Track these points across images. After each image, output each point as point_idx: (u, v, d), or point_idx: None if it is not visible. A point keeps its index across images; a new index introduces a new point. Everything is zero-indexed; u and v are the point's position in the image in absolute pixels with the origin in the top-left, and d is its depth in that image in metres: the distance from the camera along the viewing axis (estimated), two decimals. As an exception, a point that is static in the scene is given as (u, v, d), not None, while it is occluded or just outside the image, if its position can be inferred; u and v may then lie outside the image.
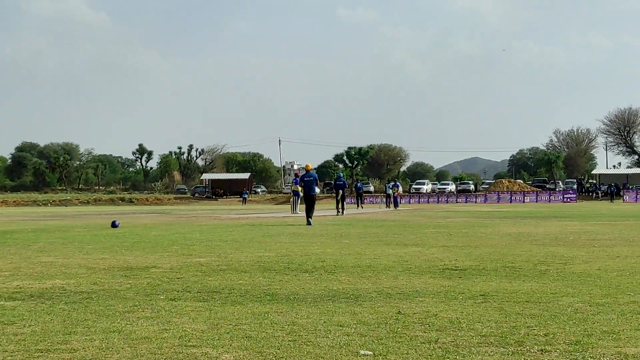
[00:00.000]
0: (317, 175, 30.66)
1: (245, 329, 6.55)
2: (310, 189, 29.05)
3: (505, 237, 18.69)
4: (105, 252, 14.90)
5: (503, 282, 9.66)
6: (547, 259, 12.82)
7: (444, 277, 10.27)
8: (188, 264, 12.33)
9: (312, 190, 28.98)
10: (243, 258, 13.39)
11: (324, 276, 10.51)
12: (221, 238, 19.25)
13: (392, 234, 20.53)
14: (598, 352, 5.58)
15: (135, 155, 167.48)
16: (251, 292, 8.94)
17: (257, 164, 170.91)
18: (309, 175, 29.56)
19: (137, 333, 6.39)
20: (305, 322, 6.81)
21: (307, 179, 29.46)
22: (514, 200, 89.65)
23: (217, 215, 40.85)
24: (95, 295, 8.79)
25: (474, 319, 6.92)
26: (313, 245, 16.31)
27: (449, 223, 28.08)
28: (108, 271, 11.40)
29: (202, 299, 8.40)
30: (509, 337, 6.10)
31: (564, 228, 23.18)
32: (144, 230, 24.38)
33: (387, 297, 8.38)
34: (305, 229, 23.65)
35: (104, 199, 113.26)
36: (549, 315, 7.07)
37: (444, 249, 15.22)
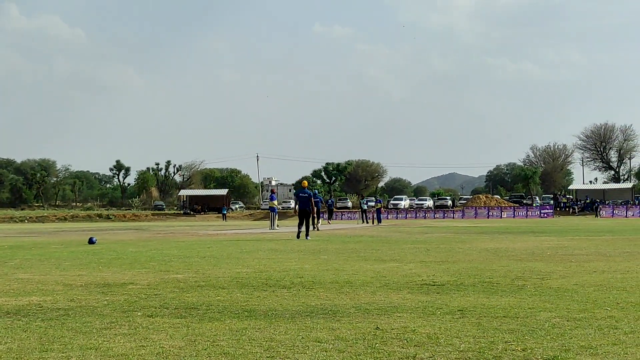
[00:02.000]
0: (312, 193, 31.18)
1: (223, 345, 6.52)
2: (306, 205, 29.41)
3: (483, 253, 18.74)
4: (83, 269, 14.81)
5: (481, 298, 9.68)
6: (525, 274, 12.86)
7: (421, 293, 10.28)
8: (166, 280, 12.28)
9: (307, 206, 29.37)
10: (221, 274, 13.35)
11: (302, 292, 10.49)
12: (199, 254, 19.19)
13: (370, 250, 20.53)
14: (575, 367, 5.60)
15: (113, 171, 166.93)
16: (229, 308, 8.92)
17: (235, 180, 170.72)
18: (304, 192, 29.92)
19: (114, 350, 6.36)
20: (283, 338, 6.80)
21: (302, 195, 29.83)
22: (491, 216, 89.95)
23: (195, 232, 40.73)
24: (72, 312, 8.73)
25: (452, 334, 6.93)
26: (291, 261, 16.29)
27: (427, 238, 28.12)
28: (85, 288, 11.33)
29: (180, 315, 8.37)
30: (487, 352, 6.11)
31: (541, 243, 23.26)
32: (122, 246, 24.26)
33: (365, 313, 8.38)
34: (284, 245, 23.62)
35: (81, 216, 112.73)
36: (527, 330, 7.09)
37: (422, 264, 15.23)
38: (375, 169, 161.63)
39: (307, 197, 29.66)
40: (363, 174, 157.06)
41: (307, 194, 29.79)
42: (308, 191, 30.15)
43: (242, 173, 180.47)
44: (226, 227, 54.31)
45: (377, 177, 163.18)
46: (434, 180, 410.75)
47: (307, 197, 29.66)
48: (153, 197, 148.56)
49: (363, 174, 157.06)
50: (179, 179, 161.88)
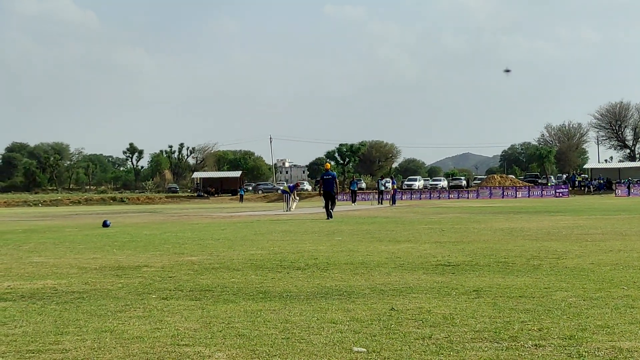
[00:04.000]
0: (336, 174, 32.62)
1: (238, 327, 6.53)
2: (330, 187, 30.58)
3: (498, 233, 18.71)
4: (97, 252, 14.86)
5: (496, 278, 9.66)
6: (540, 253, 12.83)
7: (437, 273, 10.27)
8: (180, 263, 12.31)
9: (331, 188, 30.54)
10: (235, 256, 13.37)
11: (316, 273, 10.50)
12: (213, 236, 19.22)
13: (384, 231, 20.52)
14: (592, 347, 5.58)
15: (126, 154, 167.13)
16: (244, 290, 8.93)
17: (248, 162, 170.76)
18: (329, 174, 31.07)
19: (129, 332, 6.37)
20: (298, 320, 6.80)
21: (327, 178, 31.00)
22: (506, 196, 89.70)
23: (209, 214, 40.80)
24: (87, 295, 8.77)
25: (468, 314, 6.92)
26: (305, 243, 16.30)
27: (442, 219, 28.09)
28: (99, 271, 11.37)
29: (195, 297, 8.39)
30: (503, 332, 6.10)
31: (557, 223, 23.21)
32: (136, 229, 24.32)
33: (380, 294, 8.37)
34: (298, 227, 23.62)
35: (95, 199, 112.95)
36: (543, 310, 7.07)
37: (437, 245, 15.22)
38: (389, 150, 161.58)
39: (331, 179, 30.83)
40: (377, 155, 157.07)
41: (331, 176, 30.97)
42: (332, 173, 31.35)
43: (255, 155, 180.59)
44: (240, 209, 54.37)
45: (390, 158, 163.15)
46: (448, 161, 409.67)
47: (331, 179, 30.83)
48: (167, 180, 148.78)
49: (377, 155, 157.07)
50: (193, 161, 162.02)
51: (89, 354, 5.60)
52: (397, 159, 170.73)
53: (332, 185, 30.70)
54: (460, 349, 5.54)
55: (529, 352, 5.43)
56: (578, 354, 5.35)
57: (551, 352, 5.42)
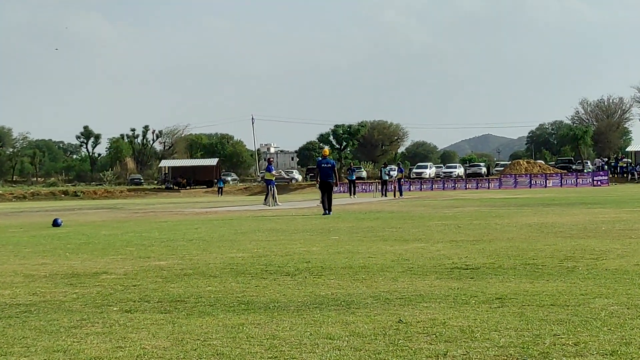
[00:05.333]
0: (335, 162, 32.65)
1: (216, 344, 6.54)
2: (328, 176, 30.66)
3: (525, 229, 18.74)
4: (46, 256, 14.85)
5: (523, 283, 9.68)
6: (576, 253, 12.86)
7: (452, 278, 10.29)
8: (146, 269, 12.31)
9: (330, 177, 30.64)
10: (212, 260, 13.38)
11: (309, 280, 10.52)
12: (185, 237, 19.23)
13: (389, 228, 20.55)
14: (638, 364, 5.60)
15: (80, 139, 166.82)
16: (222, 300, 8.94)
17: (226, 147, 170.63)
18: (327, 162, 31.13)
19: (86, 352, 6.38)
20: (288, 335, 6.81)
21: (325, 166, 31.00)
22: (534, 185, 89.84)
23: (180, 210, 40.80)
24: (35, 308, 8.76)
25: (490, 327, 6.94)
26: (295, 243, 16.32)
27: (457, 213, 28.13)
28: (50, 279, 11.36)
29: (164, 310, 8.39)
30: (532, 347, 6.12)
31: (595, 217, 23.25)
32: (92, 229, 24.31)
33: (385, 303, 8.39)
34: (287, 224, 23.63)
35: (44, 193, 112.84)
36: (579, 321, 7.09)
37: (452, 244, 15.25)
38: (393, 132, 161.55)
39: (329, 168, 30.98)
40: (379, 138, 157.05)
41: (330, 164, 31.10)
42: (331, 160, 31.50)
43: (234, 139, 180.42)
44: (217, 203, 54.38)
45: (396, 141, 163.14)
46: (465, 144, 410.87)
47: (329, 168, 30.98)
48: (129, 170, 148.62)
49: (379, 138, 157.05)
50: (160, 147, 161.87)
51: (39, 379, 5.61)
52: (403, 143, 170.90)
53: (331, 174, 30.74)
54: (481, 368, 5.55)
55: (563, 371, 5.45)
56: (621, 373, 5.37)
57: (589, 370, 5.44)
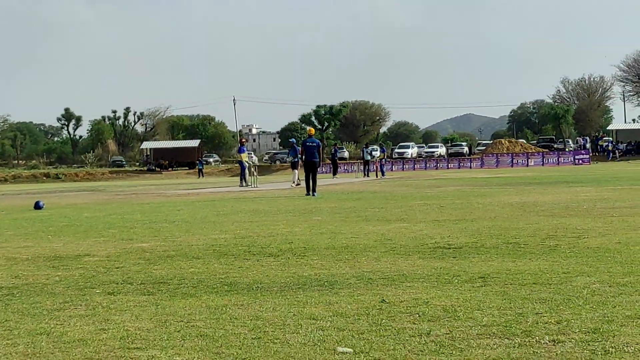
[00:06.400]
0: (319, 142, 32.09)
1: (200, 326, 6.54)
2: (313, 155, 30.53)
3: (507, 208, 18.79)
4: (28, 239, 14.82)
5: (506, 262, 9.71)
6: (557, 232, 12.90)
7: (435, 258, 10.32)
8: (128, 251, 12.30)
9: (314, 156, 30.53)
10: (194, 241, 13.37)
11: (292, 260, 10.52)
12: (167, 218, 19.20)
13: (372, 208, 20.56)
14: (620, 341, 5.62)
15: (61, 122, 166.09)
16: (205, 281, 8.94)
17: (208, 128, 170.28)
18: (312, 141, 31.02)
19: (69, 335, 6.37)
20: (271, 316, 6.82)
21: (310, 144, 30.90)
22: (515, 164, 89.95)
23: (162, 192, 40.73)
24: (18, 291, 8.75)
25: (473, 306, 6.96)
26: (278, 224, 16.32)
27: (440, 193, 28.18)
28: (32, 262, 11.34)
29: (147, 291, 8.39)
30: (515, 326, 6.14)
31: (576, 195, 23.32)
32: (74, 211, 24.25)
33: (368, 283, 8.40)
34: (269, 205, 23.62)
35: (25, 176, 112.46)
36: (562, 299, 7.11)
37: (435, 224, 15.27)
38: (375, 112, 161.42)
39: (314, 147, 30.85)
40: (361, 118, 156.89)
41: (315, 144, 30.99)
42: (316, 140, 31.39)
43: (216, 120, 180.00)
44: (199, 185, 54.30)
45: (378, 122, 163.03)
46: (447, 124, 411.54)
47: (314, 147, 30.85)
48: (110, 152, 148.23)
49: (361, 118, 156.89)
50: (141, 129, 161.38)
51: (22, 361, 5.59)
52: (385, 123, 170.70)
53: (315, 154, 30.70)
54: (464, 347, 5.57)
55: (545, 349, 5.46)
56: (604, 350, 5.39)
57: (572, 348, 5.46)
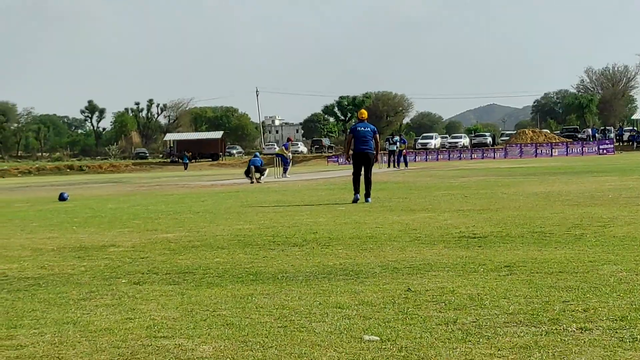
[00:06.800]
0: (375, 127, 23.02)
1: (226, 315, 6.54)
2: (367, 145, 21.74)
3: (532, 198, 18.72)
4: (54, 230, 14.87)
5: (531, 251, 9.68)
6: (583, 221, 12.84)
7: (460, 247, 10.29)
8: (153, 241, 12.33)
9: (369, 146, 21.74)
10: (219, 232, 13.39)
11: (316, 250, 10.52)
12: (191, 209, 19.23)
13: (396, 198, 20.53)
14: (648, 329, 5.59)
15: (85, 114, 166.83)
16: (230, 271, 8.95)
17: (231, 120, 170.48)
18: (365, 126, 22.09)
19: (95, 324, 6.38)
20: (297, 305, 6.82)
21: (362, 129, 21.91)
22: (539, 154, 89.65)
23: (186, 183, 40.81)
24: (44, 281, 8.78)
25: (499, 294, 6.93)
26: (302, 215, 16.32)
27: (464, 183, 28.11)
28: (58, 252, 11.38)
29: (172, 281, 8.40)
30: (542, 314, 6.11)
31: (602, 185, 23.21)
32: (99, 202, 24.33)
33: (394, 273, 8.39)
34: (293, 196, 23.61)
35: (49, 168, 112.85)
36: (588, 288, 7.08)
37: (459, 213, 15.24)
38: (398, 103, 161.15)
39: (369, 133, 21.92)
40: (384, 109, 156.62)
41: (370, 129, 22.05)
42: (371, 125, 22.47)
43: (239, 112, 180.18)
44: (222, 177, 54.36)
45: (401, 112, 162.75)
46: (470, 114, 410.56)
47: (369, 133, 21.92)
48: (134, 144, 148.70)
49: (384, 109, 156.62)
50: (164, 120, 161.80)
51: (49, 350, 5.60)
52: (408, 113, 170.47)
53: (369, 143, 21.64)
54: (491, 335, 5.55)
55: (573, 336, 5.44)
56: (632, 338, 5.36)
57: (599, 336, 5.43)
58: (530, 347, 5.18)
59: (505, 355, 4.99)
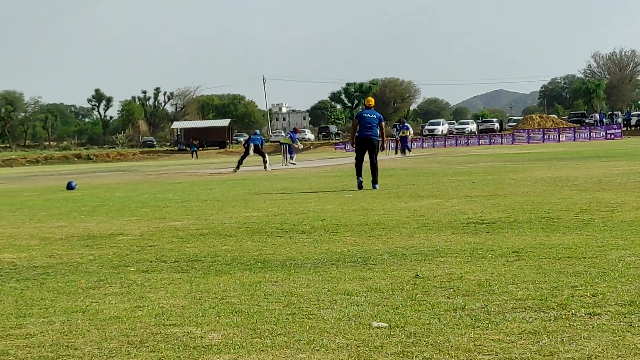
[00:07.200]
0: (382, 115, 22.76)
1: (234, 302, 6.55)
2: (372, 131, 21.60)
3: (540, 183, 18.70)
4: (62, 219, 14.90)
5: (539, 236, 9.67)
6: (591, 206, 12.83)
7: (468, 233, 10.28)
8: (161, 229, 12.34)
9: (373, 132, 21.61)
10: (227, 219, 13.40)
11: (324, 237, 10.52)
12: (199, 197, 19.26)
13: (403, 185, 20.54)
14: (657, 313, 5.59)
15: (92, 102, 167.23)
16: (239, 259, 8.95)
17: (238, 107, 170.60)
18: (371, 112, 21.84)
19: (105, 312, 6.39)
20: (306, 292, 6.82)
21: (368, 116, 21.71)
22: (547, 140, 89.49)
23: (193, 171, 40.85)
24: (52, 270, 8.79)
25: (507, 280, 6.93)
26: (309, 202, 16.32)
27: (471, 169, 28.10)
28: (66, 241, 11.40)
29: (181, 269, 8.41)
30: (550, 299, 6.10)
31: (609, 169, 23.19)
32: (107, 191, 24.37)
33: (402, 259, 8.39)
34: (300, 183, 23.62)
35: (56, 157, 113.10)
36: (596, 273, 7.07)
37: (467, 199, 15.23)
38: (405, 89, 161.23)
39: (374, 120, 21.75)
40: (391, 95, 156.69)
41: (376, 116, 21.84)
42: (377, 113, 22.20)
43: (246, 99, 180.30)
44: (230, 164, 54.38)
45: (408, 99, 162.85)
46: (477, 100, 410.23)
47: (374, 120, 21.75)
48: (141, 132, 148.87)
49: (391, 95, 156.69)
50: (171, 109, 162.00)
51: (59, 339, 5.61)
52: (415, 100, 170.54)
53: (375, 130, 21.51)
54: (499, 321, 5.54)
55: (581, 321, 5.43)
56: (641, 323, 5.36)
57: (608, 321, 5.42)
58: (539, 332, 5.18)
59: (514, 341, 4.98)
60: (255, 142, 39.23)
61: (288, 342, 5.22)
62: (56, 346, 5.39)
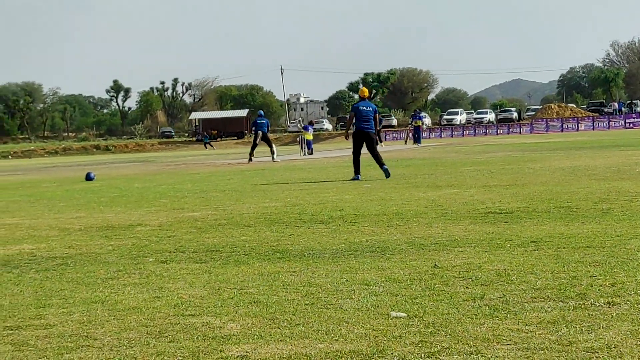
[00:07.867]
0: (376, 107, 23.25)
1: (253, 292, 6.56)
2: (368, 123, 21.95)
3: (558, 172, 18.65)
4: (81, 210, 14.94)
5: (558, 226, 9.64)
6: (610, 195, 12.78)
7: (486, 223, 10.26)
8: (180, 220, 12.36)
9: (369, 124, 21.96)
10: (245, 210, 13.41)
11: (343, 227, 10.52)
12: (218, 188, 19.27)
13: (421, 175, 20.51)
14: (677, 303, 5.57)
15: (110, 93, 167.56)
16: (257, 249, 8.96)
17: (256, 98, 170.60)
18: (366, 105, 22.33)
19: (123, 303, 6.41)
20: (324, 282, 6.82)
21: (364, 109, 22.02)
22: (565, 129, 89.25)
23: (212, 162, 40.89)
24: (72, 260, 8.82)
25: (526, 269, 6.92)
26: (328, 192, 16.32)
27: (489, 159, 28.04)
28: (85, 232, 11.43)
29: (199, 259, 8.42)
30: (569, 289, 6.09)
31: (628, 159, 23.09)
32: (125, 182, 24.42)
33: (420, 249, 8.38)
34: (318, 173, 23.61)
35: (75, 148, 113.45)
36: (616, 262, 7.05)
37: (485, 189, 15.20)
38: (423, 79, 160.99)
39: (370, 112, 22.10)
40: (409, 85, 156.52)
41: (371, 108, 22.30)
42: (372, 104, 22.77)
43: (264, 90, 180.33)
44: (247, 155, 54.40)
45: (426, 88, 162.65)
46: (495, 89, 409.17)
47: (370, 112, 22.10)
48: (159, 123, 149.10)
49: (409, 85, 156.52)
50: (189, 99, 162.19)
51: (78, 329, 5.63)
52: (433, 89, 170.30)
53: (370, 122, 21.86)
54: (518, 310, 5.53)
55: (601, 311, 5.42)
56: (660, 312, 5.34)
57: (627, 310, 5.41)
58: (557, 322, 5.17)
59: (533, 331, 4.98)
60: (262, 128, 38.65)
61: (306, 332, 5.22)
62: (76, 336, 5.41)
